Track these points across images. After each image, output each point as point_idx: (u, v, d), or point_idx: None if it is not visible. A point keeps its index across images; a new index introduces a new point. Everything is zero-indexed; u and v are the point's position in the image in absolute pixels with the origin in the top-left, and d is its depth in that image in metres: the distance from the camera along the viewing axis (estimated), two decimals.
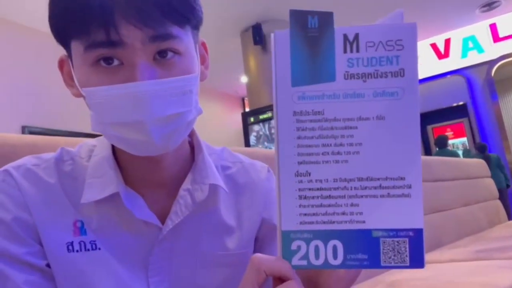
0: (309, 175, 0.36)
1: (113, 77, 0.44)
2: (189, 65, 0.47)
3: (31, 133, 4.32)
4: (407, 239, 0.36)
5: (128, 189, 0.51)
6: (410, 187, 0.36)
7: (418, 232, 0.36)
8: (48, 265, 0.48)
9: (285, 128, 0.36)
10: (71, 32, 0.44)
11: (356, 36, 0.37)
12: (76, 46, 0.45)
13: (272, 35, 0.38)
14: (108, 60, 0.43)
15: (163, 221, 0.52)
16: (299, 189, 0.36)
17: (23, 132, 4.26)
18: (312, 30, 0.37)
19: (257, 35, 5.31)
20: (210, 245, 0.56)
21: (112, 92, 0.43)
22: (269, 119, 5.36)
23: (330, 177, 0.36)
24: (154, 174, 0.53)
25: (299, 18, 0.37)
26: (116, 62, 0.43)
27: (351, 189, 0.36)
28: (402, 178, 0.36)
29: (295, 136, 0.36)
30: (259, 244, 0.61)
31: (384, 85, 0.37)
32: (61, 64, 0.51)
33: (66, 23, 0.44)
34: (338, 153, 0.36)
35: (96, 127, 0.46)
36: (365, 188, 0.36)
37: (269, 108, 5.35)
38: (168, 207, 0.53)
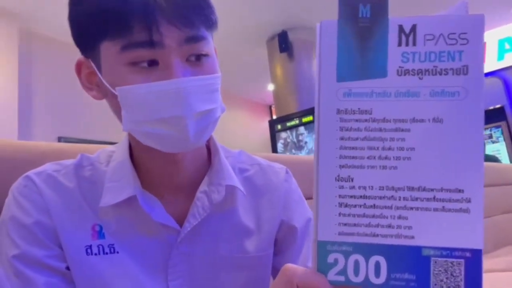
0: (352, 180, 0.32)
1: (148, 76, 0.45)
2: (215, 66, 0.50)
3: (66, 142, 4.51)
4: (463, 261, 0.31)
5: (145, 192, 0.52)
6: (469, 201, 0.32)
7: (477, 253, 0.31)
8: (67, 268, 0.49)
9: (327, 128, 0.33)
10: (106, 32, 0.45)
11: (413, 28, 0.32)
12: (109, 46, 0.45)
13: (317, 25, 0.34)
14: (144, 59, 0.45)
15: (181, 224, 0.52)
16: (339, 196, 0.32)
17: (59, 142, 4.46)
18: (363, 20, 0.33)
19: (283, 42, 5.32)
20: (229, 247, 0.56)
21: (153, 89, 0.44)
22: (297, 126, 5.33)
23: (376, 184, 0.32)
24: (173, 176, 0.54)
25: (349, 6, 0.33)
26: (152, 62, 0.45)
27: (399, 199, 0.32)
28: (461, 191, 0.32)
29: (338, 136, 0.32)
30: (279, 246, 0.61)
31: (443, 84, 0.32)
32: (79, 67, 0.51)
33: (101, 23, 0.45)
34: (386, 157, 0.32)
35: (129, 126, 0.47)
36: (416, 199, 0.32)
37: (296, 115, 5.33)
38: (186, 209, 0.53)
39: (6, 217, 0.48)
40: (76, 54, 0.52)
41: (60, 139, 4.50)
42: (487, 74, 6.76)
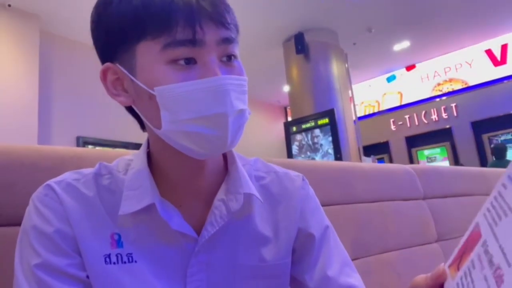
0: None
1: (188, 75, 0.45)
2: (242, 68, 0.50)
3: (85, 143, 4.60)
4: None
5: (163, 201, 0.52)
6: None
7: None
8: (88, 277, 0.49)
9: None
10: (146, 32, 0.45)
11: None
12: (149, 46, 0.45)
13: None
14: (184, 58, 0.45)
15: (199, 233, 0.52)
16: None
17: (77, 142, 4.55)
18: None
19: (299, 44, 5.31)
20: (247, 256, 0.55)
21: (197, 87, 0.45)
22: (312, 128, 5.30)
23: None
24: (192, 183, 0.53)
25: None
26: (188, 61, 0.46)
27: None
28: None
29: None
30: (296, 255, 0.60)
31: None
32: (105, 74, 0.51)
33: (141, 23, 0.45)
34: None
35: (168, 126, 0.46)
36: None
37: (311, 117, 5.30)
38: (204, 218, 0.53)
39: (28, 226, 0.48)
40: (91, 53, 0.51)
41: (78, 139, 4.59)
42: (508, 77, 6.58)
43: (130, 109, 0.53)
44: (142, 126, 0.54)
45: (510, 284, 0.22)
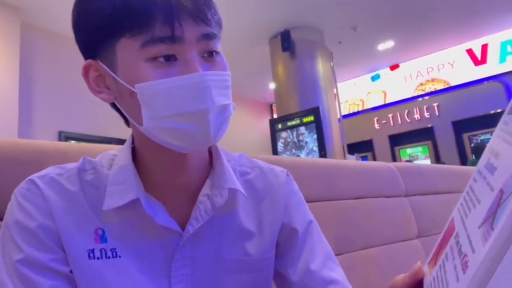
0: None
1: (168, 71, 0.45)
2: (224, 63, 0.50)
3: (67, 138, 4.52)
4: None
5: (148, 196, 0.52)
6: None
7: None
8: (71, 272, 0.48)
9: None
10: (125, 29, 0.45)
11: None
12: (128, 43, 0.45)
13: None
14: (163, 55, 0.45)
15: (183, 228, 0.52)
16: None
17: (59, 137, 4.46)
18: None
19: (286, 41, 5.32)
20: (231, 251, 0.56)
21: (177, 83, 0.45)
22: (297, 125, 5.34)
23: None
24: (177, 178, 0.53)
25: None
26: (169, 57, 0.45)
27: None
28: None
29: None
30: (280, 249, 0.61)
31: None
32: (87, 70, 0.51)
33: (120, 20, 0.44)
34: None
35: (150, 123, 0.46)
36: None
37: (297, 115, 5.33)
38: (188, 213, 0.53)
39: (10, 221, 0.48)
40: (74, 45, 0.51)
41: (60, 134, 4.50)
42: (488, 79, 6.76)
43: (114, 105, 0.53)
44: (127, 121, 0.54)
45: (473, 269, 0.23)
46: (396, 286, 0.39)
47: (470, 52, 6.99)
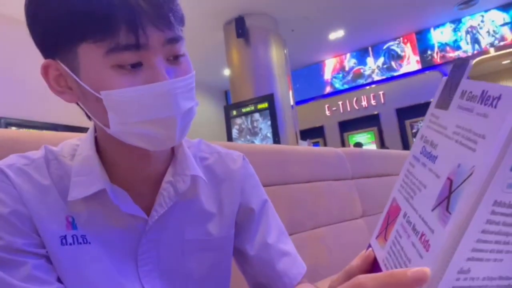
0: (468, 272, 0.29)
1: (134, 78, 0.45)
2: (190, 64, 0.52)
3: (8, 124, 4.23)
4: None
5: (113, 186, 0.53)
6: None
7: None
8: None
9: (478, 219, 0.28)
10: (86, 35, 0.44)
11: None
12: (91, 49, 0.44)
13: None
14: (129, 62, 0.45)
15: (148, 214, 0.55)
16: None
17: None
18: None
19: (240, 28, 5.30)
20: (194, 232, 0.59)
21: (144, 92, 0.45)
22: (252, 112, 5.38)
23: (481, 275, 0.29)
24: (142, 170, 0.56)
25: None
26: (135, 64, 0.45)
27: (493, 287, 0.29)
28: None
29: (481, 229, 0.28)
30: (238, 227, 0.66)
31: None
32: (46, 70, 0.49)
33: (80, 25, 0.43)
34: (499, 251, 0.29)
35: (117, 128, 0.47)
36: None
37: (251, 101, 5.38)
38: (153, 199, 0.56)
39: None
40: (16, 27, 0.48)
41: (0, 120, 4.20)
42: (429, 68, 7.21)
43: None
44: (89, 116, 0.54)
45: (437, 247, 0.28)
46: (352, 271, 0.38)
47: (412, 43, 7.39)
